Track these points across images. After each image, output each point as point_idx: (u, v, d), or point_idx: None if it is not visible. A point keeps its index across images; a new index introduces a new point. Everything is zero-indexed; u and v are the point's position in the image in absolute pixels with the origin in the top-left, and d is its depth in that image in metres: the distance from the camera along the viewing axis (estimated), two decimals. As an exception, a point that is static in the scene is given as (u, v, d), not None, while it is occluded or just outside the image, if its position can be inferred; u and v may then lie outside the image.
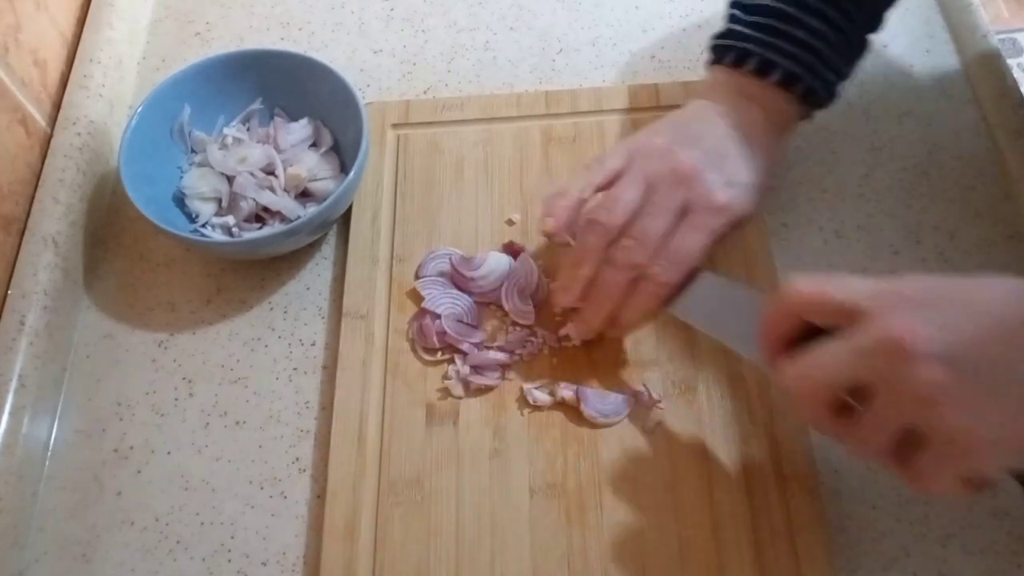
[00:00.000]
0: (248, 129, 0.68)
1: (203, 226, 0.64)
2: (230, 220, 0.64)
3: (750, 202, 0.56)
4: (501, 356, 0.58)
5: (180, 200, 0.65)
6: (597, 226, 0.54)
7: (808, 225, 0.64)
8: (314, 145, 0.67)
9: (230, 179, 0.65)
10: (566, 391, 0.56)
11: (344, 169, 0.66)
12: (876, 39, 0.74)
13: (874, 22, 0.61)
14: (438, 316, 0.60)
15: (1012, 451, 0.40)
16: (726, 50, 0.59)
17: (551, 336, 0.59)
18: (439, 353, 0.59)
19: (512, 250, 0.63)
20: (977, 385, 0.38)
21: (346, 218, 0.65)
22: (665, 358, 0.58)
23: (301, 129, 0.67)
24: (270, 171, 0.65)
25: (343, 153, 0.67)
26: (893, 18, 0.75)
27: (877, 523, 0.54)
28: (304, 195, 0.65)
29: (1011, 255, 0.62)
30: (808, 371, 0.43)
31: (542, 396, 0.57)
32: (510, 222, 0.64)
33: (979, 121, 0.68)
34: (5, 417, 0.56)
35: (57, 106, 0.69)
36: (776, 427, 0.55)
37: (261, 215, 0.64)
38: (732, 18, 0.60)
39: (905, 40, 0.73)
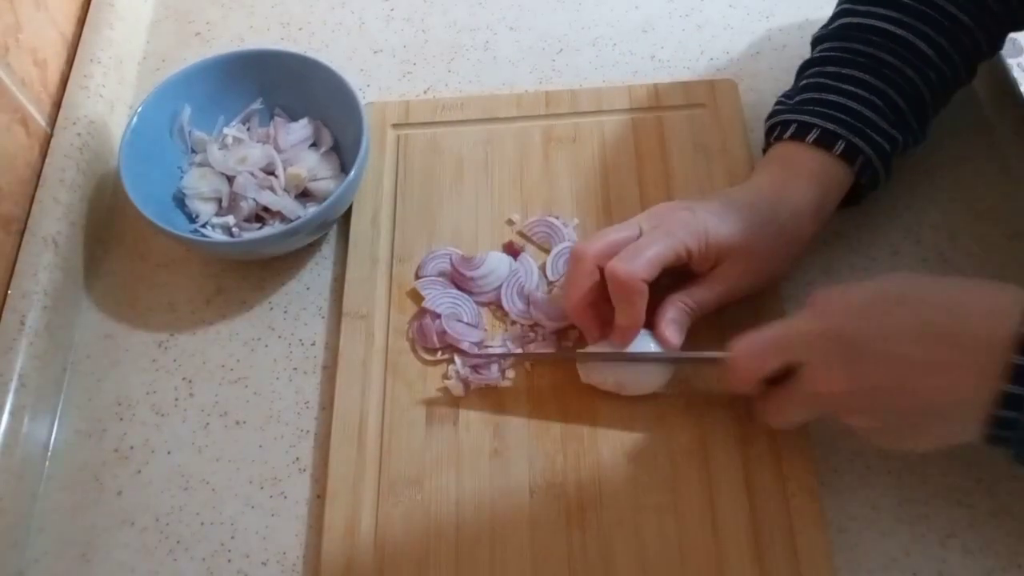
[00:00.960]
0: (248, 129, 0.68)
1: (203, 226, 0.64)
2: (230, 220, 0.64)
3: (733, 224, 0.55)
4: (499, 350, 0.58)
5: (180, 200, 0.65)
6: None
7: (808, 225, 0.64)
8: (314, 145, 0.67)
9: (230, 179, 0.65)
10: None
11: (344, 169, 0.66)
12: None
13: (925, 94, 0.59)
14: (438, 316, 0.60)
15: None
16: (772, 129, 0.60)
17: (550, 335, 0.59)
18: (439, 353, 0.59)
19: (512, 250, 0.63)
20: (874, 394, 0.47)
21: (346, 218, 0.65)
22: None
23: (301, 129, 0.67)
24: (270, 171, 0.65)
25: (343, 153, 0.67)
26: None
27: (877, 523, 0.53)
28: (304, 195, 0.65)
29: (1011, 255, 0.62)
30: (772, 412, 0.52)
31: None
32: (510, 222, 0.64)
33: (979, 120, 0.68)
34: (5, 417, 0.56)
35: (57, 106, 0.69)
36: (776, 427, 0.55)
37: (261, 215, 0.64)
38: (778, 102, 0.62)
39: (905, 40, 0.73)
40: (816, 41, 0.63)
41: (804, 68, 0.62)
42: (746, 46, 0.74)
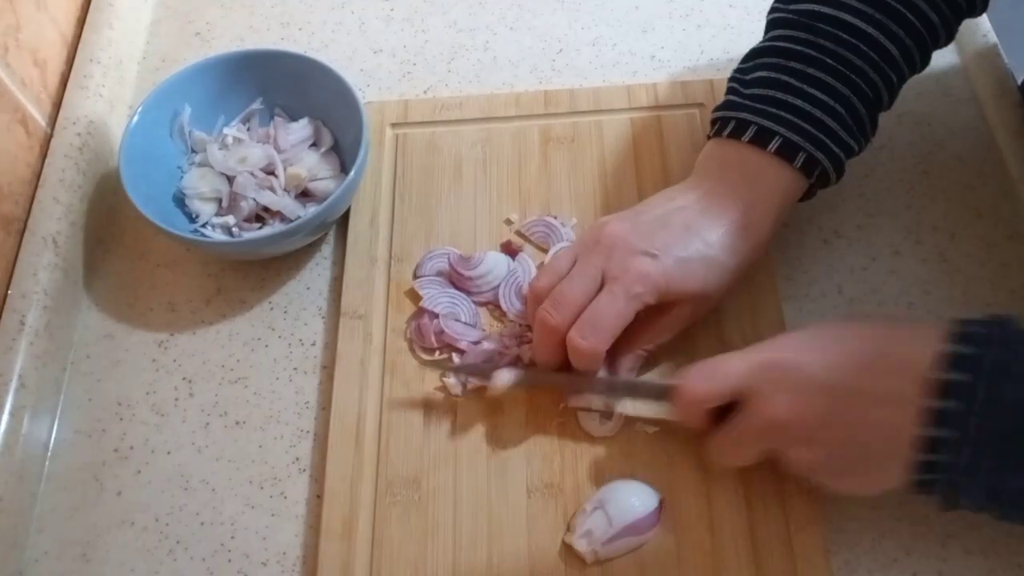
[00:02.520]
0: (248, 129, 0.68)
1: (203, 226, 0.64)
2: (230, 220, 0.64)
3: (693, 276, 0.54)
4: (493, 347, 0.58)
5: (180, 200, 0.65)
6: (530, 292, 0.57)
7: (808, 224, 0.64)
8: (314, 145, 0.67)
9: (230, 179, 0.65)
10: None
11: (344, 169, 0.66)
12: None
13: (884, 96, 0.58)
14: (436, 315, 0.60)
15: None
16: (725, 122, 0.57)
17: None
18: (437, 353, 0.59)
19: (510, 250, 0.63)
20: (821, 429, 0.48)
21: (345, 218, 0.65)
22: (664, 357, 0.58)
23: (301, 129, 0.67)
24: (270, 171, 0.65)
25: (343, 153, 0.67)
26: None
27: (877, 523, 0.53)
28: (304, 195, 0.66)
29: (1011, 255, 0.62)
30: (722, 448, 0.52)
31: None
32: (508, 222, 0.64)
33: (979, 121, 0.68)
34: (5, 417, 0.56)
35: (57, 106, 0.69)
36: (775, 427, 0.55)
37: (261, 215, 0.65)
38: (731, 91, 0.59)
39: (905, 39, 0.73)
40: (778, 20, 0.59)
41: (763, 53, 0.58)
42: (746, 46, 0.73)
